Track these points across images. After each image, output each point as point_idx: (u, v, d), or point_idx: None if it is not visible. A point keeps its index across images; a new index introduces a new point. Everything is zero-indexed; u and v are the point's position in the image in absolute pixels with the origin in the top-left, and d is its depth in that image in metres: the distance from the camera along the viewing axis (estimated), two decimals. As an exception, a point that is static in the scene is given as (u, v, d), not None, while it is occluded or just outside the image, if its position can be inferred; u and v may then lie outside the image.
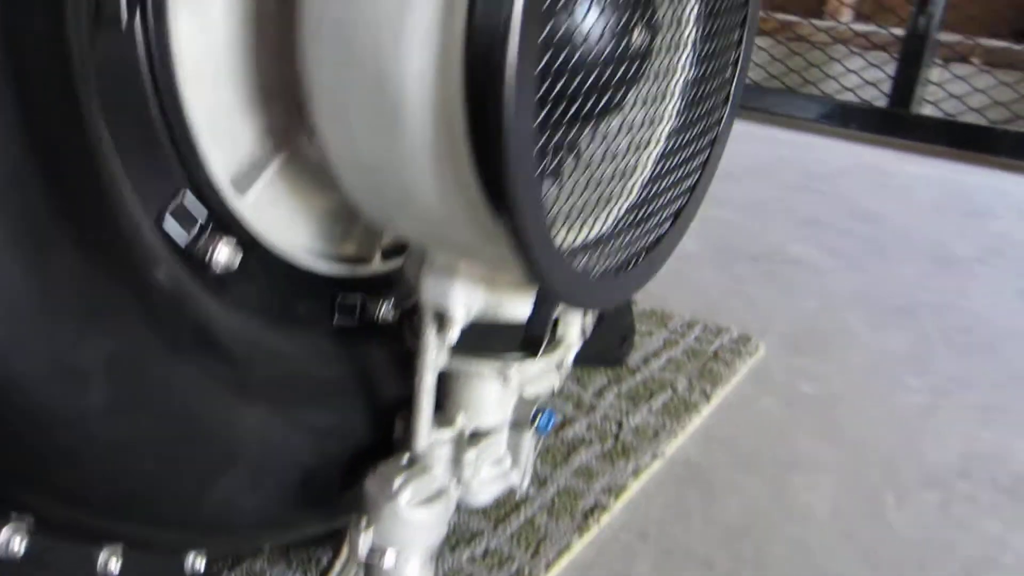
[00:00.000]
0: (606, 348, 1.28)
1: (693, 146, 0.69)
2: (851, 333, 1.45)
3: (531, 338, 0.59)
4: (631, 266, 0.64)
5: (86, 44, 0.49)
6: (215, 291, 0.60)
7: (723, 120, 0.71)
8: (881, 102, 2.34)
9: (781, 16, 2.51)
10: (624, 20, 0.56)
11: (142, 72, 0.53)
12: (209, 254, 0.59)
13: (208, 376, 0.59)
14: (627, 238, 0.65)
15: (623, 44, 0.56)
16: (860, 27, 2.44)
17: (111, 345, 0.52)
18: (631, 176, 0.65)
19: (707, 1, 0.67)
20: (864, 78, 2.36)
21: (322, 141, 0.55)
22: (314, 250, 0.69)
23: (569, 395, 1.19)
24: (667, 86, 0.67)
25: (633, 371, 1.27)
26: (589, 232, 0.61)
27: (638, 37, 0.58)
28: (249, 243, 0.63)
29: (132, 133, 0.54)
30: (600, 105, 0.57)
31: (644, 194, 0.66)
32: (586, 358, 1.27)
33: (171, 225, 0.57)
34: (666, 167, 0.68)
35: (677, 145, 0.68)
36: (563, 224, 0.57)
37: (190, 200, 0.58)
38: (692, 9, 0.67)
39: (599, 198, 0.61)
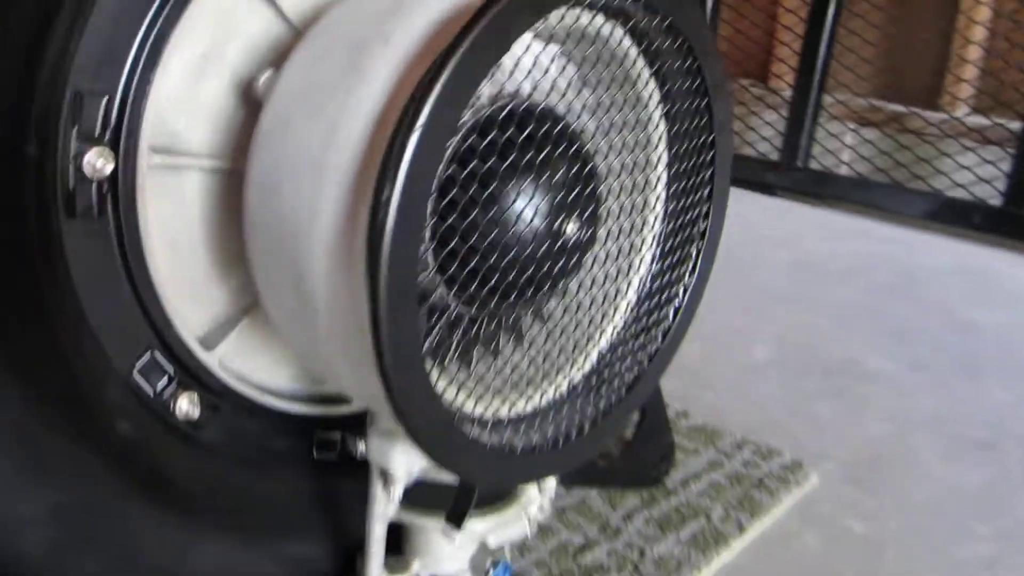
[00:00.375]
0: (642, 468, 1.26)
1: (652, 316, 0.69)
2: (920, 464, 1.35)
3: (454, 513, 0.60)
4: (572, 439, 0.64)
5: (58, 230, 0.55)
6: (179, 437, 0.65)
7: (686, 295, 0.70)
8: (995, 200, 2.20)
9: (892, 107, 2.42)
10: (543, 226, 0.57)
11: (113, 253, 0.59)
12: (172, 405, 0.64)
13: (162, 516, 0.63)
14: (575, 408, 0.65)
15: (543, 244, 0.57)
16: (975, 121, 2.32)
17: (59, 494, 0.57)
18: (583, 348, 0.66)
19: (674, 171, 0.68)
20: (978, 174, 2.23)
21: (265, 310, 0.60)
22: (291, 393, 0.73)
23: (597, 515, 1.18)
24: (627, 267, 0.67)
25: (669, 493, 1.24)
26: (529, 403, 0.62)
27: (574, 229, 0.59)
28: (219, 391, 0.67)
29: (103, 302, 0.60)
30: (526, 292, 0.58)
31: (598, 364, 0.67)
32: (620, 478, 1.26)
33: (138, 380, 0.62)
34: (624, 337, 0.68)
35: (634, 318, 0.68)
36: (495, 396, 0.59)
37: (158, 357, 0.63)
38: (657, 180, 0.67)
39: (543, 371, 0.62)
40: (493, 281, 0.55)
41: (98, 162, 0.54)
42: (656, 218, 0.68)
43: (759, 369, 1.63)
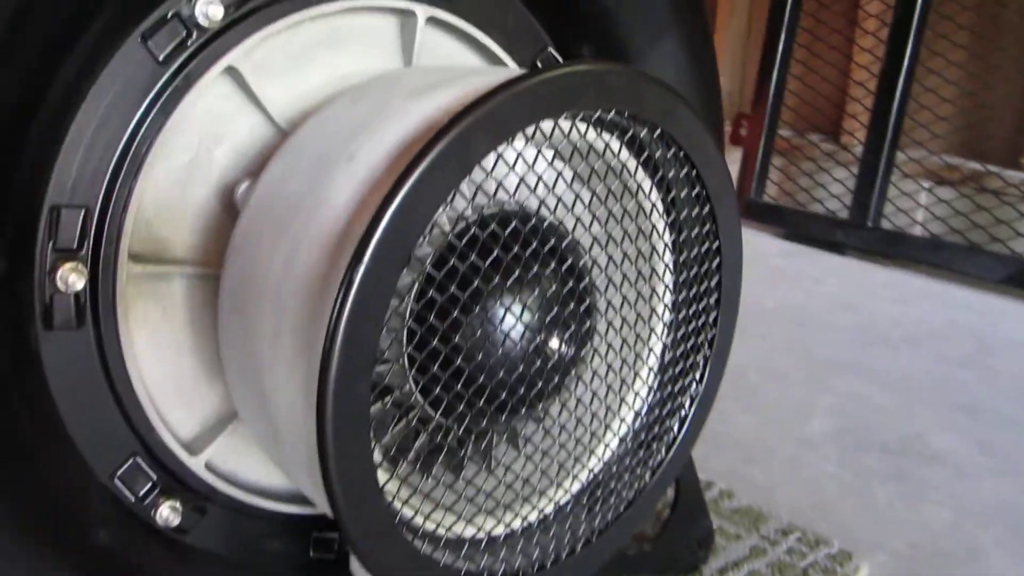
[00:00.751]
0: (678, 554, 1.21)
1: (654, 430, 0.66)
2: (982, 559, 1.26)
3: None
4: (561, 560, 0.61)
5: (36, 341, 0.56)
6: (163, 543, 0.65)
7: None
8: (1082, 266, 2.07)
9: (969, 165, 2.32)
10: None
11: (94, 362, 0.59)
12: (153, 512, 0.64)
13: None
14: (564, 528, 0.62)
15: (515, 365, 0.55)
16: (1059, 180, 2.20)
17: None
18: (569, 471, 0.63)
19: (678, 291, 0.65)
20: (1061, 237, 2.11)
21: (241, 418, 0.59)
22: (287, 492, 0.73)
23: (626, 605, 1.13)
24: (622, 384, 0.65)
25: (706, 583, 1.19)
26: (502, 526, 0.60)
27: (558, 347, 0.57)
28: (206, 494, 0.67)
29: (82, 410, 0.60)
30: (499, 415, 0.57)
31: (589, 485, 0.64)
32: (653, 565, 1.21)
33: (119, 486, 0.63)
34: (620, 455, 0.65)
35: (633, 434, 0.65)
36: (460, 518, 0.57)
37: (140, 463, 0.63)
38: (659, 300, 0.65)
39: (519, 495, 0.60)
40: (464, 398, 0.53)
41: (70, 277, 0.55)
42: (659, 330, 0.65)
43: (815, 445, 1.56)
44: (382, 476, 0.53)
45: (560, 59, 0.82)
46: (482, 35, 0.75)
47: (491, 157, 0.51)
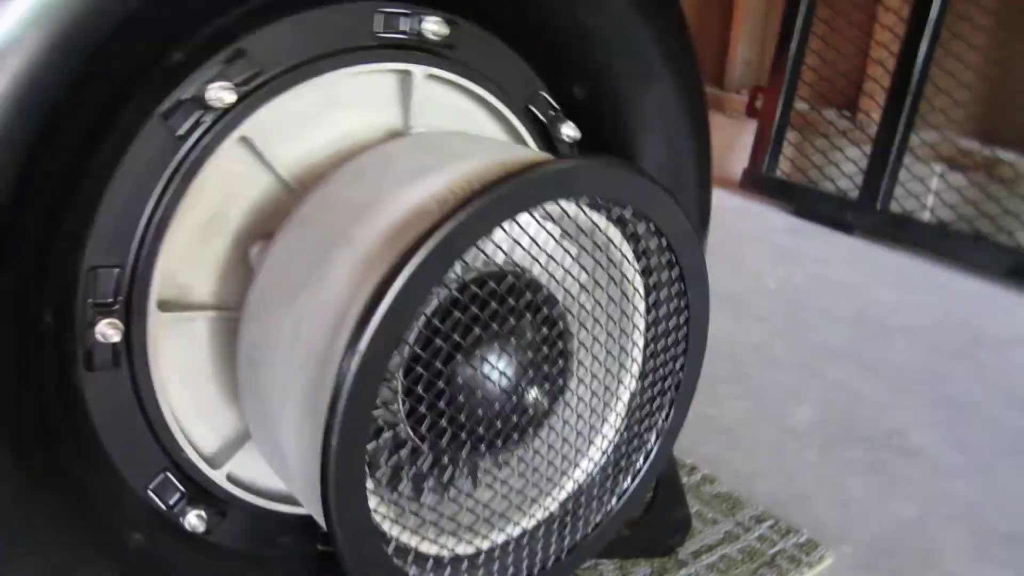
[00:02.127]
0: (655, 540, 1.30)
1: (621, 463, 0.74)
2: (938, 558, 1.34)
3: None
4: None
5: (79, 382, 0.65)
6: (189, 543, 0.75)
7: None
8: (1091, 261, 2.10)
9: (984, 152, 2.33)
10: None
11: (129, 394, 0.68)
12: (182, 519, 0.73)
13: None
14: (535, 549, 0.71)
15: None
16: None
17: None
18: (538, 499, 0.72)
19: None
20: (1073, 231, 2.13)
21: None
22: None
23: (604, 586, 1.23)
24: (592, 427, 0.73)
25: (680, 564, 1.28)
26: (476, 545, 0.69)
27: (535, 396, 0.65)
28: (227, 500, 0.77)
29: (119, 435, 0.70)
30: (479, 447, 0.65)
31: (560, 511, 0.72)
32: (632, 548, 1.30)
33: (150, 497, 0.72)
34: (590, 483, 0.73)
35: (601, 467, 0.73)
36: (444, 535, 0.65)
37: (169, 478, 0.73)
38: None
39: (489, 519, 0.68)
40: (451, 430, 0.62)
41: (108, 331, 0.64)
42: (629, 380, 0.73)
43: (799, 434, 1.63)
44: (375, 502, 0.62)
45: (552, 102, 0.87)
46: (476, 87, 0.81)
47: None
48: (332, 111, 0.75)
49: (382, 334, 0.53)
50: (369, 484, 0.56)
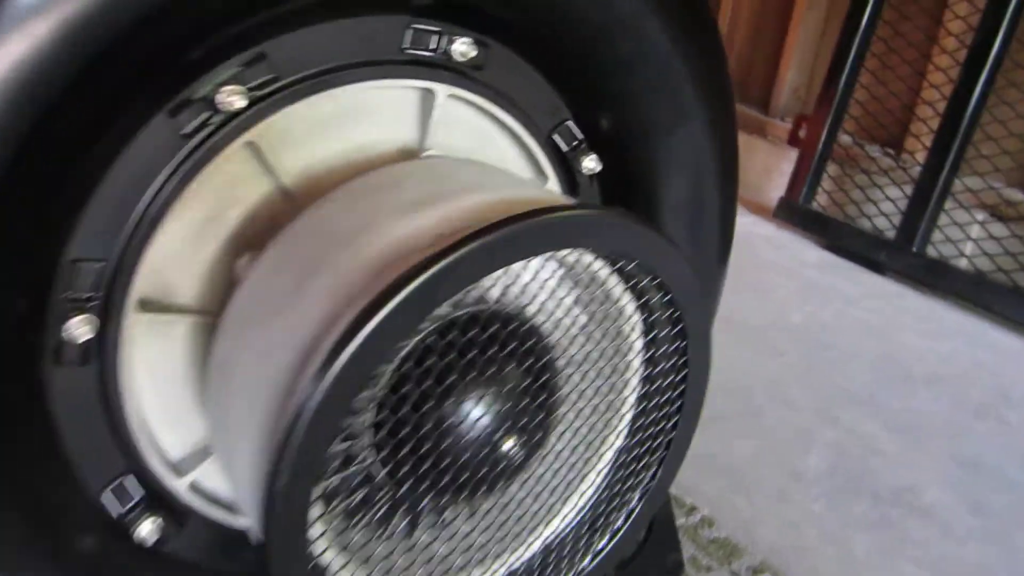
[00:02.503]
0: (646, 582, 1.26)
1: (600, 520, 0.70)
2: (944, 626, 1.29)
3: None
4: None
5: (46, 375, 0.63)
6: (142, 552, 0.72)
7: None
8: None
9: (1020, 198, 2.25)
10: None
11: (94, 397, 0.66)
12: (134, 527, 0.70)
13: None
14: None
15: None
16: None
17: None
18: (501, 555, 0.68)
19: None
20: (1108, 295, 2.05)
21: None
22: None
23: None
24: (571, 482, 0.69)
25: (670, 611, 1.24)
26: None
27: (512, 446, 0.62)
28: (186, 512, 0.74)
29: (80, 434, 0.67)
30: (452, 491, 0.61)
31: (530, 563, 0.69)
32: (621, 593, 1.26)
33: (108, 499, 0.69)
34: (564, 538, 0.69)
35: (578, 523, 0.70)
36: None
37: (130, 482, 0.70)
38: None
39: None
40: (413, 476, 0.58)
41: (81, 327, 0.61)
42: (616, 435, 0.69)
43: (807, 482, 1.58)
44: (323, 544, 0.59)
45: (577, 133, 0.83)
46: (500, 111, 0.77)
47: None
48: (346, 123, 0.72)
49: (346, 375, 0.49)
50: (319, 526, 0.53)
